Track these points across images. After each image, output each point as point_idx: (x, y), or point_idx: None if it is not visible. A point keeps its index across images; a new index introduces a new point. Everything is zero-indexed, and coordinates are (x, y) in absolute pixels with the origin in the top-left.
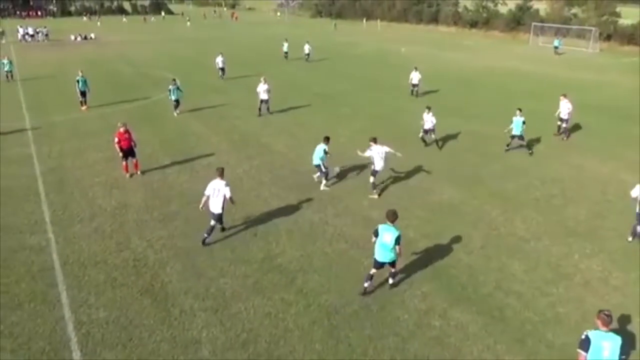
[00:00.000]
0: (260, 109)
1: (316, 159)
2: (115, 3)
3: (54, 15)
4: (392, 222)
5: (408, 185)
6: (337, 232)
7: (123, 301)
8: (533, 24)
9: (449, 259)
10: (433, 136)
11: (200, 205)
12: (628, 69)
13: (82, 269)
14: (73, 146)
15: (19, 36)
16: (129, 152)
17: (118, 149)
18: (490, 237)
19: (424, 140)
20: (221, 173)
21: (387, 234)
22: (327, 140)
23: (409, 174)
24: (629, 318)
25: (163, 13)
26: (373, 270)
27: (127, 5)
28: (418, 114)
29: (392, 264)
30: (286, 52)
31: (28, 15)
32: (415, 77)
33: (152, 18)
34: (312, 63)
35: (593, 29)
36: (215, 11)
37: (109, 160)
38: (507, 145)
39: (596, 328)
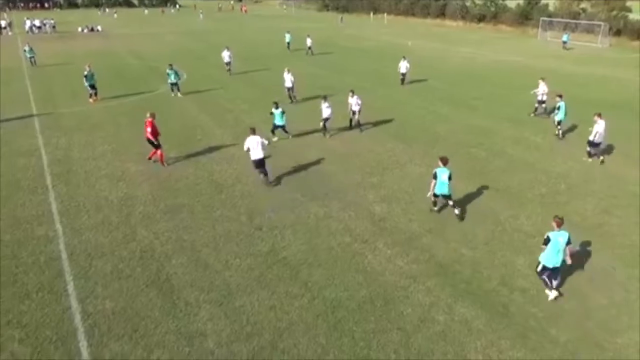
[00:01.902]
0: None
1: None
2: None
3: (60, 7)
4: (445, 164)
5: (414, 179)
6: (341, 225)
7: (129, 292)
8: (541, 18)
9: (453, 254)
10: (357, 117)
11: (245, 149)
12: (638, 65)
13: (88, 260)
14: (80, 138)
15: (26, 28)
16: (150, 141)
17: (152, 138)
18: (495, 233)
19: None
20: (254, 131)
21: (444, 175)
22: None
23: (413, 169)
24: (634, 314)
25: (178, 5)
26: (434, 199)
27: None
28: (422, 107)
29: (449, 197)
30: (288, 43)
31: (35, 7)
32: (403, 66)
33: (172, 9)
34: (318, 57)
35: (602, 23)
36: (220, 6)
37: (116, 152)
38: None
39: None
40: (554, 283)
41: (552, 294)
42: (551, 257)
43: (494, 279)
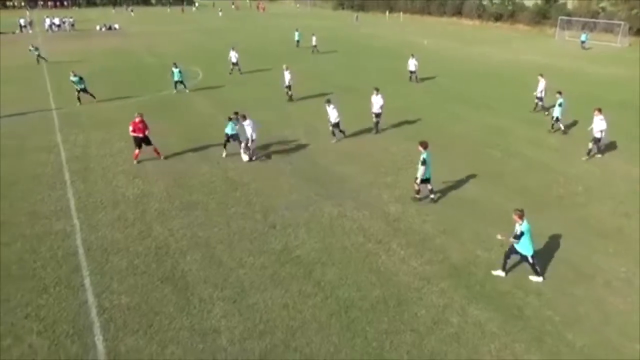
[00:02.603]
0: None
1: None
2: None
3: (79, 5)
4: (426, 148)
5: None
6: (355, 225)
7: (144, 288)
8: (560, 17)
9: (467, 255)
10: (378, 119)
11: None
12: None
13: (105, 255)
14: (98, 135)
15: (46, 26)
16: (143, 141)
17: (133, 138)
18: (510, 234)
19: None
20: (244, 117)
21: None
22: (237, 116)
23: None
24: None
25: (197, 4)
26: (419, 187)
27: None
28: (437, 107)
29: (429, 180)
30: (298, 41)
31: (54, 6)
32: (412, 63)
33: (193, 8)
34: (333, 55)
35: (622, 23)
36: (235, 5)
37: (132, 149)
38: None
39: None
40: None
41: (539, 278)
42: (531, 245)
43: (508, 281)
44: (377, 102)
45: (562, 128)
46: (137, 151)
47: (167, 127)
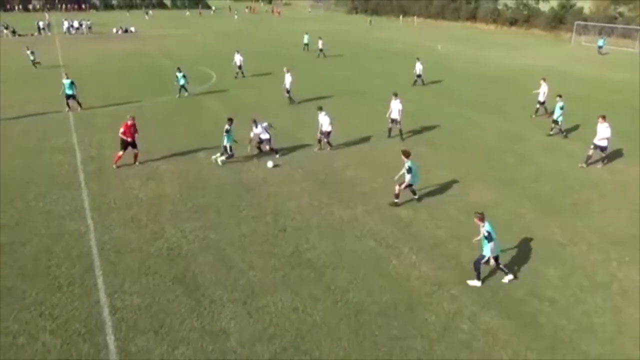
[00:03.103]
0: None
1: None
2: None
3: (96, 8)
4: (409, 157)
5: (440, 185)
6: (366, 229)
7: (156, 289)
8: (576, 22)
9: None
10: (398, 126)
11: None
12: None
13: (117, 255)
14: (112, 136)
15: (64, 29)
16: (130, 144)
17: (121, 139)
18: (524, 241)
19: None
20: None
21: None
22: (230, 121)
23: (441, 174)
24: None
25: (213, 7)
26: (400, 191)
27: (166, 0)
28: (451, 112)
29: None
30: (306, 44)
31: (73, 9)
32: (417, 67)
33: (211, 11)
34: (345, 60)
35: None
36: (251, 8)
37: (145, 151)
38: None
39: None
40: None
41: (510, 276)
42: (497, 247)
43: (521, 288)
44: (395, 106)
45: (563, 132)
46: (120, 153)
47: (179, 129)
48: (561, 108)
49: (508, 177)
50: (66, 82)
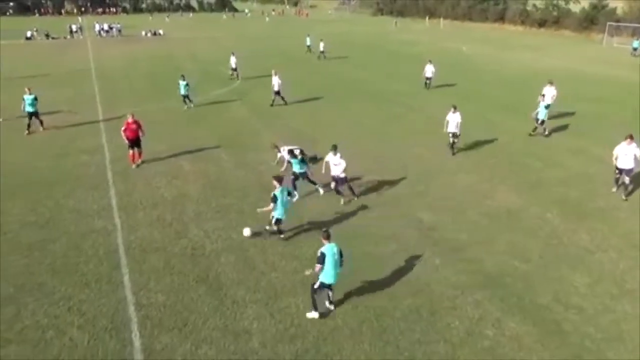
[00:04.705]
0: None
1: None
2: (182, 0)
3: (126, 11)
4: (280, 183)
5: (465, 188)
6: (388, 233)
7: (180, 287)
8: (608, 23)
9: (504, 266)
10: (457, 140)
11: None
12: None
13: (143, 254)
14: None
15: (96, 32)
16: (135, 142)
17: (124, 138)
18: (550, 247)
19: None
20: (335, 148)
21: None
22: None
23: (465, 177)
24: None
25: (247, 10)
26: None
27: (194, 3)
28: (476, 114)
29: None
30: (308, 46)
31: (104, 12)
32: (429, 70)
33: (247, 14)
34: (366, 63)
35: None
36: (279, 11)
37: (171, 151)
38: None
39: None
40: (332, 296)
41: (331, 307)
42: (330, 273)
43: (547, 294)
44: (453, 119)
45: (546, 132)
46: (130, 152)
47: (203, 132)
48: (546, 107)
49: (534, 180)
50: (28, 98)
